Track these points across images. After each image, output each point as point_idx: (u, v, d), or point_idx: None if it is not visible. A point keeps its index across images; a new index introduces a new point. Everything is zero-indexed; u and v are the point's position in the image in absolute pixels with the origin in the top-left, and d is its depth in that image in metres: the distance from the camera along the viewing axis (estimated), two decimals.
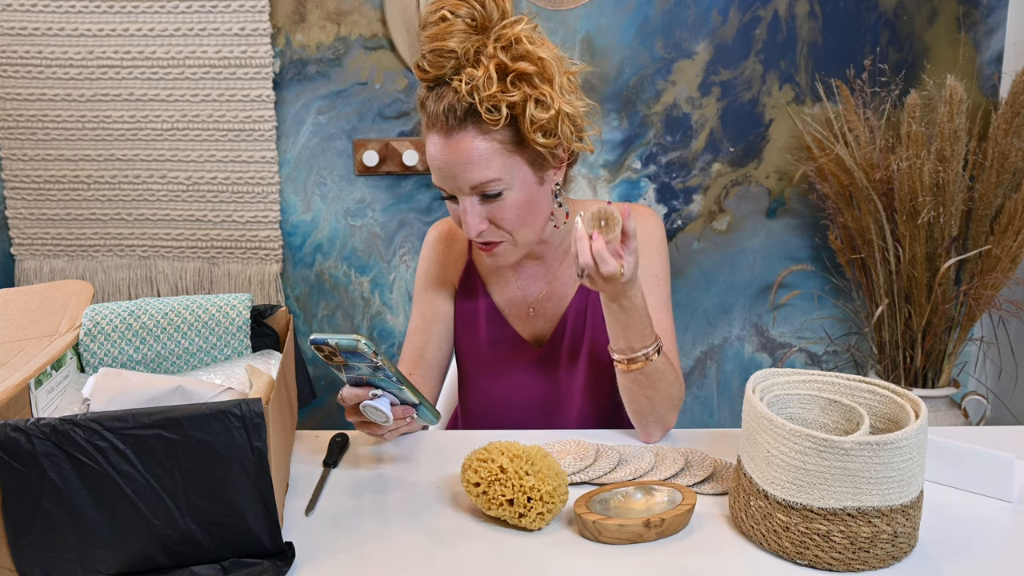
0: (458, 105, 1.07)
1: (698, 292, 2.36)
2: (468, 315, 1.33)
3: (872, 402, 0.97)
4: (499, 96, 1.06)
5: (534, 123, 1.08)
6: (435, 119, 1.10)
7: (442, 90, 1.10)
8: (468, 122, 1.08)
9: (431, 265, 1.35)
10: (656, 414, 1.15)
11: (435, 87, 1.11)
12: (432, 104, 1.10)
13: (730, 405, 2.43)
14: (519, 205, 1.13)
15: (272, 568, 0.85)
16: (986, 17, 2.20)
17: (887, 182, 2.02)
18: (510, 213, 1.12)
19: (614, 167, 2.29)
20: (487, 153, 1.09)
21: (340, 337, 0.93)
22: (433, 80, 1.10)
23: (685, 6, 2.19)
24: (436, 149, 1.11)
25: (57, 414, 0.95)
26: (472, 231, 1.13)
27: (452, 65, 1.08)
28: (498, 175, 1.10)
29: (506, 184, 1.11)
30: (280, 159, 2.27)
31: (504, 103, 1.06)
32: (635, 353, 1.10)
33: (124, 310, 1.09)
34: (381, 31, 2.20)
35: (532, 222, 1.16)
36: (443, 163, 1.10)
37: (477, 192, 1.11)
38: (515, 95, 1.06)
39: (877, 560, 0.86)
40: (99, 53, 2.18)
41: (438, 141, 1.10)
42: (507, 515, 0.93)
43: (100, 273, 2.32)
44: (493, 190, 1.10)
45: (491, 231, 1.14)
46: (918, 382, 2.11)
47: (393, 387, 1.01)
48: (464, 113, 1.08)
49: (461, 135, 1.08)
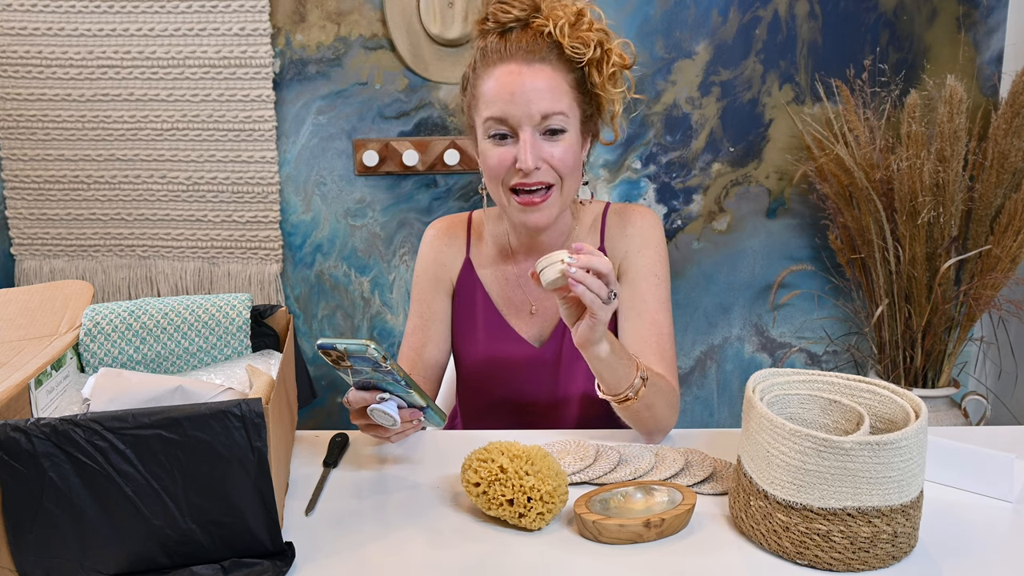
0: (539, 41, 1.15)
1: (698, 292, 2.36)
2: (467, 313, 1.33)
3: (872, 402, 0.97)
4: (584, 35, 1.14)
5: (611, 68, 1.16)
6: (513, 50, 1.15)
7: (514, 32, 1.16)
8: (551, 56, 1.15)
9: (429, 263, 1.35)
10: (660, 424, 1.15)
11: (505, 31, 1.17)
12: (502, 43, 1.16)
13: (730, 405, 2.43)
14: (573, 149, 1.17)
15: (272, 568, 0.85)
16: (986, 17, 2.20)
17: (887, 182, 2.02)
18: (567, 154, 1.16)
19: (614, 167, 2.29)
20: (563, 87, 1.15)
21: (349, 342, 0.93)
22: (507, 22, 1.16)
23: (685, 6, 2.19)
24: (511, 76, 1.14)
25: (57, 414, 0.94)
26: (531, 161, 1.14)
27: (529, 11, 1.16)
28: (566, 111, 1.16)
29: (569, 123, 1.16)
30: (280, 159, 2.27)
31: (592, 41, 1.15)
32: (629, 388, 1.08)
33: (124, 310, 1.09)
34: (381, 31, 2.20)
35: (575, 175, 1.20)
36: (519, 88, 1.13)
37: (542, 126, 1.15)
38: (598, 36, 1.16)
39: (877, 560, 0.86)
40: (99, 53, 2.18)
41: (515, 69, 1.14)
42: (507, 515, 0.93)
43: (100, 273, 2.32)
44: (559, 124, 1.15)
45: (544, 171, 1.16)
46: (918, 382, 2.11)
47: (401, 390, 1.01)
48: (547, 48, 1.15)
49: (541, 66, 1.14)
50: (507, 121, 1.14)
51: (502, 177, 1.17)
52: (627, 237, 1.28)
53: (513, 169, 1.16)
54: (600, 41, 1.16)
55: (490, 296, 1.32)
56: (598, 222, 1.30)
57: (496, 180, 1.18)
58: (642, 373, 1.09)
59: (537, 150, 1.14)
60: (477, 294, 1.32)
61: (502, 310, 1.31)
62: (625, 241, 1.27)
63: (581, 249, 0.98)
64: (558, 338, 1.29)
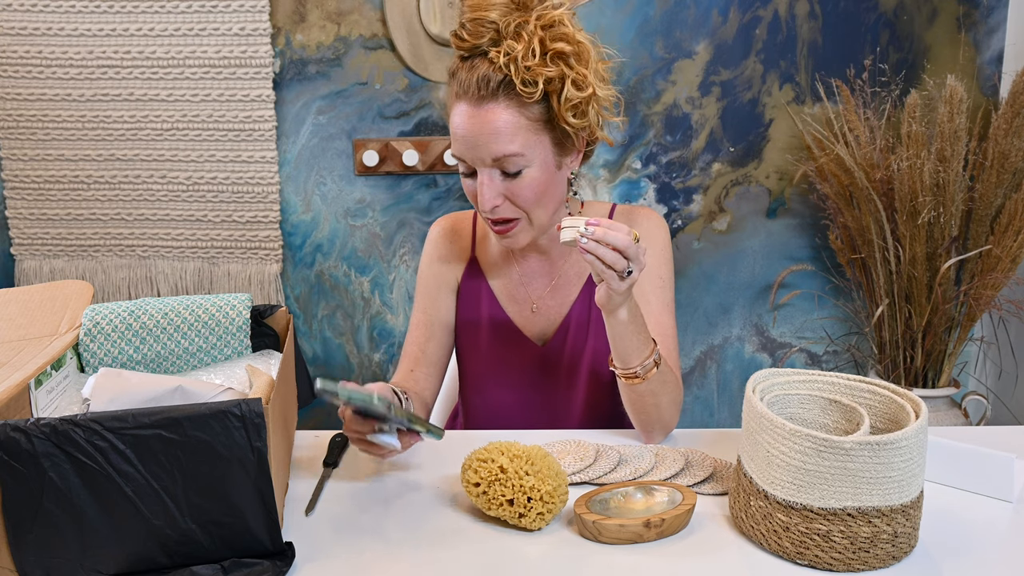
0: (492, 76, 1.09)
1: (698, 292, 2.36)
2: (471, 311, 1.33)
3: (872, 402, 0.97)
4: (537, 70, 1.07)
5: (568, 102, 1.10)
6: (467, 88, 1.11)
7: (477, 60, 1.11)
8: (500, 94, 1.09)
9: (434, 260, 1.35)
10: (661, 420, 1.15)
11: (469, 57, 1.12)
12: (464, 73, 1.11)
13: (730, 405, 2.43)
14: (537, 184, 1.14)
15: (272, 568, 0.85)
16: (986, 17, 2.20)
17: (887, 182, 2.02)
18: (527, 191, 1.13)
19: (614, 167, 2.29)
20: (514, 127, 1.10)
21: (352, 392, 0.91)
22: (469, 49, 1.11)
23: (685, 6, 2.19)
24: (463, 118, 1.11)
25: (57, 414, 0.94)
26: (487, 204, 1.13)
27: (491, 37, 1.09)
28: (521, 150, 1.11)
29: (527, 161, 1.12)
30: (280, 159, 2.27)
31: (542, 77, 1.08)
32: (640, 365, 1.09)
33: (124, 310, 1.09)
34: (381, 31, 2.20)
35: (547, 203, 1.17)
36: (468, 132, 1.11)
37: (498, 166, 1.12)
38: (552, 71, 1.08)
39: (877, 560, 0.86)
40: (99, 53, 2.18)
41: (466, 110, 1.11)
42: (507, 515, 0.93)
43: (100, 273, 2.32)
44: (513, 167, 1.12)
45: (506, 207, 1.15)
46: (918, 382, 2.11)
47: (403, 424, 0.99)
48: (498, 84, 1.09)
49: (491, 105, 1.09)
50: (465, 160, 1.14)
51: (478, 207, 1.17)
52: None
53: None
54: (556, 74, 1.08)
55: (494, 293, 1.32)
56: None
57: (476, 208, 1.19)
58: (656, 356, 1.10)
59: (495, 189, 1.13)
60: (482, 292, 1.32)
61: (506, 308, 1.31)
62: None
63: (599, 223, 0.98)
64: (561, 337, 1.29)
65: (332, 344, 2.39)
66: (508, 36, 1.08)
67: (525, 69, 1.07)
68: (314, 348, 2.39)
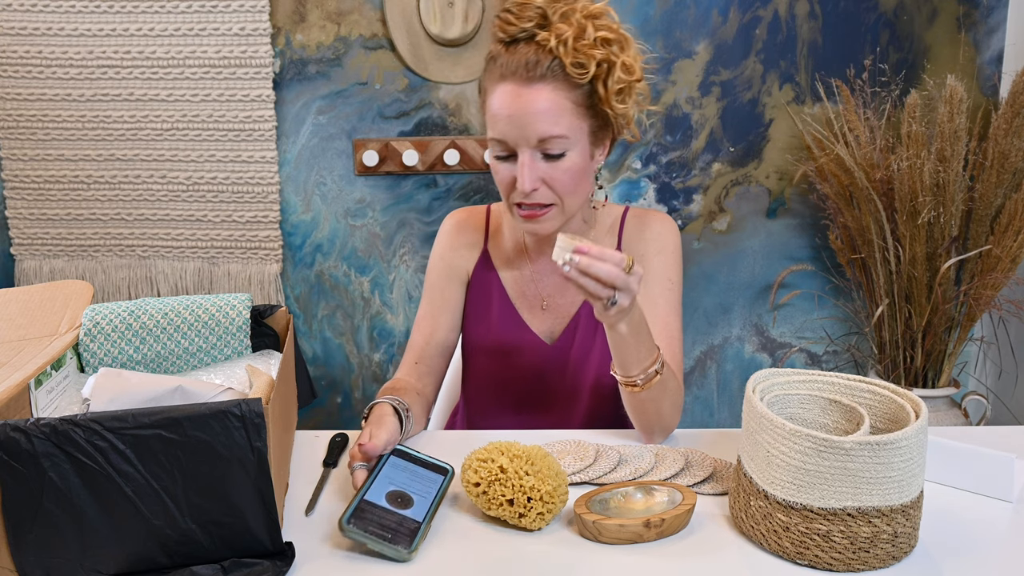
0: (541, 58, 1.10)
1: (698, 292, 2.36)
2: (481, 305, 1.33)
3: (872, 402, 0.97)
4: (587, 52, 1.09)
5: (617, 85, 1.12)
6: (514, 69, 1.12)
7: (521, 44, 1.12)
8: (548, 75, 1.11)
9: (446, 252, 1.35)
10: (661, 423, 1.15)
11: (513, 42, 1.13)
12: (508, 56, 1.12)
13: (730, 405, 2.43)
14: (576, 169, 1.15)
15: (272, 568, 0.85)
16: (986, 17, 2.20)
17: (887, 182, 2.02)
18: (566, 175, 1.14)
19: (614, 167, 2.29)
20: (560, 108, 1.11)
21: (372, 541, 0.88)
22: (515, 33, 1.12)
23: (685, 6, 2.19)
24: (509, 98, 1.12)
25: (57, 414, 0.94)
26: (528, 184, 1.13)
27: (537, 21, 1.11)
28: (566, 132, 1.12)
29: (570, 144, 1.13)
30: (280, 159, 2.27)
31: (593, 59, 1.10)
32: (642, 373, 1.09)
33: (124, 310, 1.09)
34: (381, 31, 2.20)
35: (580, 192, 1.18)
36: (516, 111, 1.11)
37: (540, 148, 1.13)
38: (601, 54, 1.10)
39: (877, 560, 0.86)
40: (99, 53, 2.18)
41: (513, 90, 1.12)
42: (507, 515, 0.93)
43: (100, 273, 2.32)
44: (557, 148, 1.13)
45: (544, 192, 1.15)
46: (918, 382, 2.11)
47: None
48: (546, 66, 1.10)
49: (540, 86, 1.11)
50: (506, 143, 1.14)
51: (507, 193, 1.18)
52: (644, 240, 1.29)
53: (515, 188, 1.16)
54: (605, 57, 1.11)
55: (505, 288, 1.32)
56: (616, 225, 1.31)
57: (503, 194, 1.20)
58: (658, 365, 1.10)
59: (536, 172, 1.13)
60: (493, 287, 1.32)
61: (516, 304, 1.32)
62: (642, 244, 1.29)
63: (588, 251, 0.98)
64: (569, 336, 1.29)
65: (332, 344, 2.39)
66: (555, 21, 1.11)
67: (575, 51, 1.09)
68: (314, 348, 2.39)
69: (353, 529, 0.88)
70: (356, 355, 2.40)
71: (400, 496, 0.95)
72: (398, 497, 0.95)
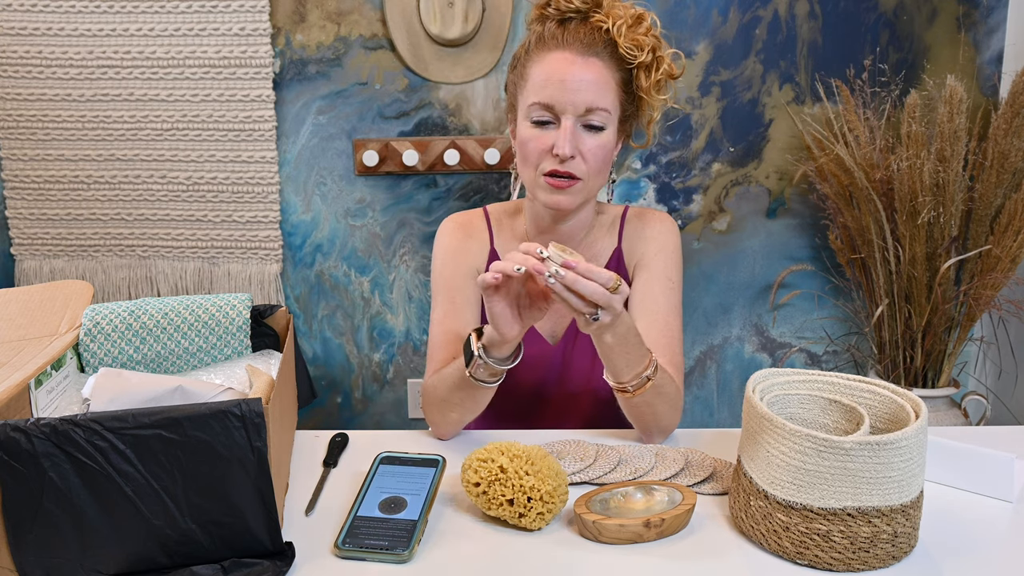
0: (597, 35, 1.16)
1: (698, 292, 2.36)
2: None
3: (872, 402, 0.97)
4: (640, 39, 1.16)
5: (659, 75, 1.19)
6: (571, 40, 1.17)
7: (571, 23, 1.18)
8: (604, 52, 1.17)
9: (454, 252, 1.32)
10: (659, 425, 1.15)
11: (565, 20, 1.19)
12: (559, 30, 1.18)
13: (730, 405, 2.43)
14: (607, 147, 1.19)
15: (272, 568, 0.85)
16: (986, 17, 2.20)
17: (887, 182, 2.02)
18: (600, 151, 1.18)
19: (614, 167, 2.29)
20: (608, 84, 1.17)
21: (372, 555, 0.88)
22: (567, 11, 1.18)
23: (685, 6, 2.19)
24: (565, 64, 1.16)
25: (57, 414, 0.94)
26: (568, 149, 1.15)
27: (590, 5, 1.17)
28: (610, 107, 1.17)
29: (608, 120, 1.18)
30: (280, 159, 2.27)
31: (647, 46, 1.17)
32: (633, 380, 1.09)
33: (124, 310, 1.09)
34: (381, 31, 2.20)
35: (603, 173, 1.22)
36: (571, 76, 1.15)
37: (585, 118, 1.16)
38: (653, 43, 1.18)
39: (877, 560, 0.86)
40: (99, 53, 2.18)
41: (569, 58, 1.16)
42: (507, 515, 0.93)
43: (100, 273, 2.32)
44: (599, 121, 1.17)
45: (577, 163, 1.17)
46: (918, 382, 2.11)
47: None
48: (602, 44, 1.17)
49: (594, 59, 1.16)
50: (552, 108, 1.16)
51: (537, 162, 1.19)
52: (644, 240, 1.29)
53: (549, 155, 1.17)
54: (654, 47, 1.17)
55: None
56: (617, 223, 1.32)
57: (531, 164, 1.20)
58: (650, 371, 1.09)
59: (575, 140, 1.16)
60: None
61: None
62: (643, 244, 1.29)
63: (575, 267, 0.97)
64: (571, 336, 1.29)
65: (332, 344, 2.39)
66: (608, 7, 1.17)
67: (630, 36, 1.16)
68: (314, 348, 2.39)
69: (349, 549, 0.89)
70: (356, 355, 2.40)
71: (392, 502, 0.95)
72: (391, 503, 0.95)
